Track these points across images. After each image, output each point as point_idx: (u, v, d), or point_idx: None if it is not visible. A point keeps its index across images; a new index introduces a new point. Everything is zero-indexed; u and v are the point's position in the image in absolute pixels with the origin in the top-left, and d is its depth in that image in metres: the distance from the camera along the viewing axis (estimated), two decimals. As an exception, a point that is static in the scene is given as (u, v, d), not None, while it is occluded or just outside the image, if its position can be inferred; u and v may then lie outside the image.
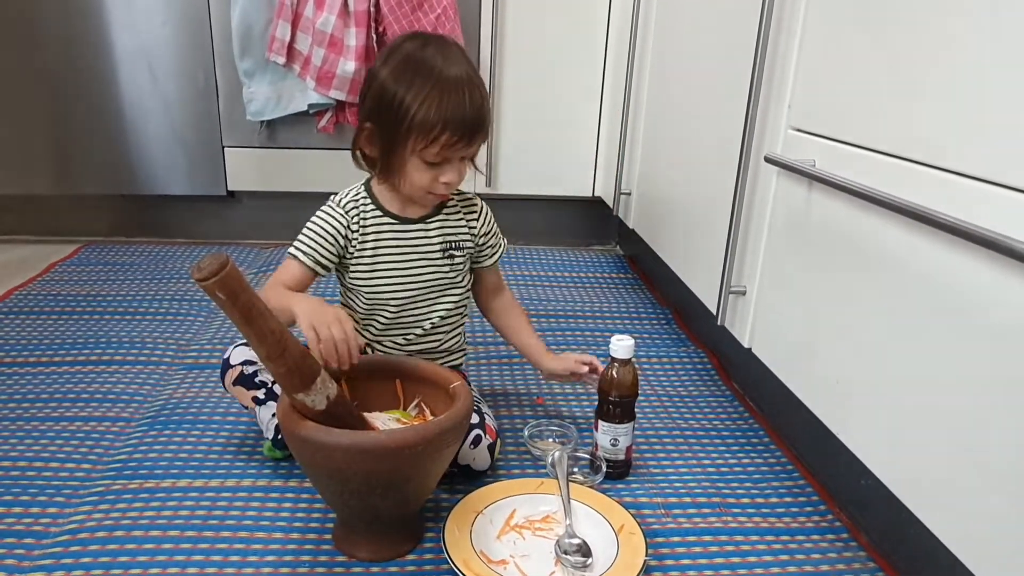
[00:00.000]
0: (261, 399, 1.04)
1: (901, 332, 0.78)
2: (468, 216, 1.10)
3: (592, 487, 0.99)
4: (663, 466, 1.09)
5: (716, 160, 1.26)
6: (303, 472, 0.98)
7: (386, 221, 1.04)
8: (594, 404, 1.06)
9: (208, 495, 0.98)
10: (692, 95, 1.40)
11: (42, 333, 1.44)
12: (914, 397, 0.76)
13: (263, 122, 1.91)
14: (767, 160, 1.02)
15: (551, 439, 1.13)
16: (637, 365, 1.06)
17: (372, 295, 1.05)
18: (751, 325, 1.14)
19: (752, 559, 0.90)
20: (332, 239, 1.03)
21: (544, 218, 2.15)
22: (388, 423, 0.92)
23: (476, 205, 1.11)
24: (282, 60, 1.78)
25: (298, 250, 1.03)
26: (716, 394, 1.32)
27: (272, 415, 1.02)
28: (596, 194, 2.07)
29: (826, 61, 0.94)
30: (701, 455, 1.12)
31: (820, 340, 0.95)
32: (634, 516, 0.92)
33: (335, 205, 1.04)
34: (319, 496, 0.96)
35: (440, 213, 1.07)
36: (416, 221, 1.06)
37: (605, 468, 1.03)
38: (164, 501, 0.96)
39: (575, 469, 1.04)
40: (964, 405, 0.69)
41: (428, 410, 0.97)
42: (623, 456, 1.04)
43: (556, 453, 1.00)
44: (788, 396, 1.02)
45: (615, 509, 0.94)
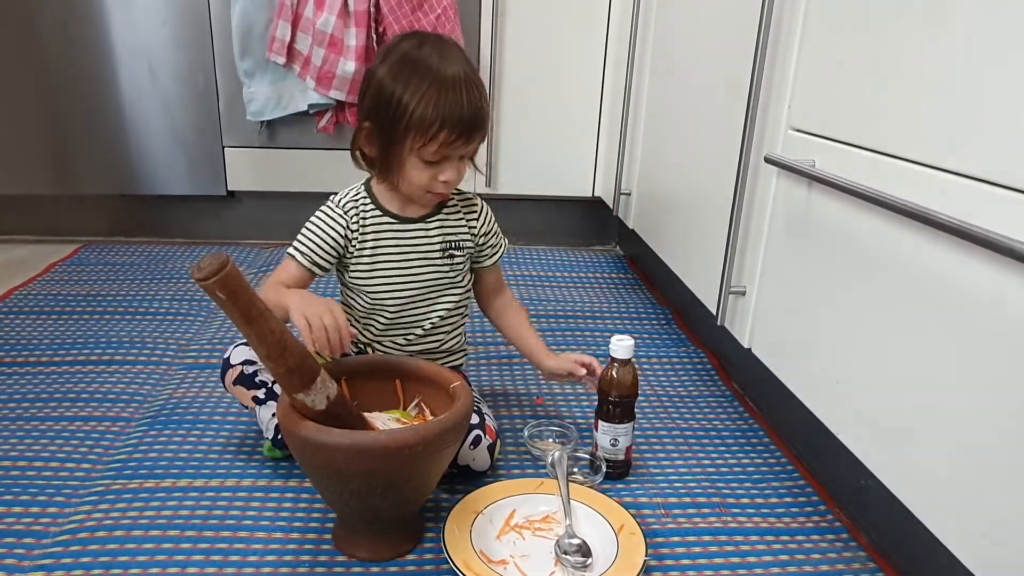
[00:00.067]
0: (261, 399, 1.04)
1: (901, 332, 0.78)
2: (468, 216, 1.10)
3: (592, 487, 0.99)
4: (663, 466, 1.09)
5: (716, 160, 1.26)
6: (303, 472, 0.98)
7: (386, 221, 1.04)
8: (594, 404, 1.06)
9: (208, 495, 0.98)
10: (692, 95, 1.40)
11: (42, 333, 1.44)
12: (914, 397, 0.76)
13: (263, 122, 1.91)
14: (767, 160, 1.02)
15: (551, 439, 1.13)
16: (637, 365, 1.06)
17: (371, 294, 1.05)
18: (751, 325, 1.14)
19: (752, 559, 0.90)
20: (331, 240, 1.03)
21: (544, 218, 2.15)
22: (388, 423, 0.92)
23: (476, 205, 1.11)
24: (282, 60, 1.78)
25: (296, 250, 1.03)
26: (716, 394, 1.32)
27: (272, 415, 1.02)
28: (596, 194, 2.07)
29: (826, 61, 0.94)
30: (701, 455, 1.12)
31: (820, 340, 0.95)
32: (634, 516, 0.92)
33: (334, 205, 1.04)
34: (319, 496, 0.96)
35: (440, 213, 1.07)
36: (416, 221, 1.06)
37: (605, 468, 1.03)
38: (164, 501, 0.96)
39: (575, 469, 1.04)
40: (964, 405, 0.69)
41: (428, 410, 0.97)
42: (623, 456, 1.04)
43: (556, 453, 1.00)
44: (788, 396, 1.02)
45: (615, 509, 0.94)
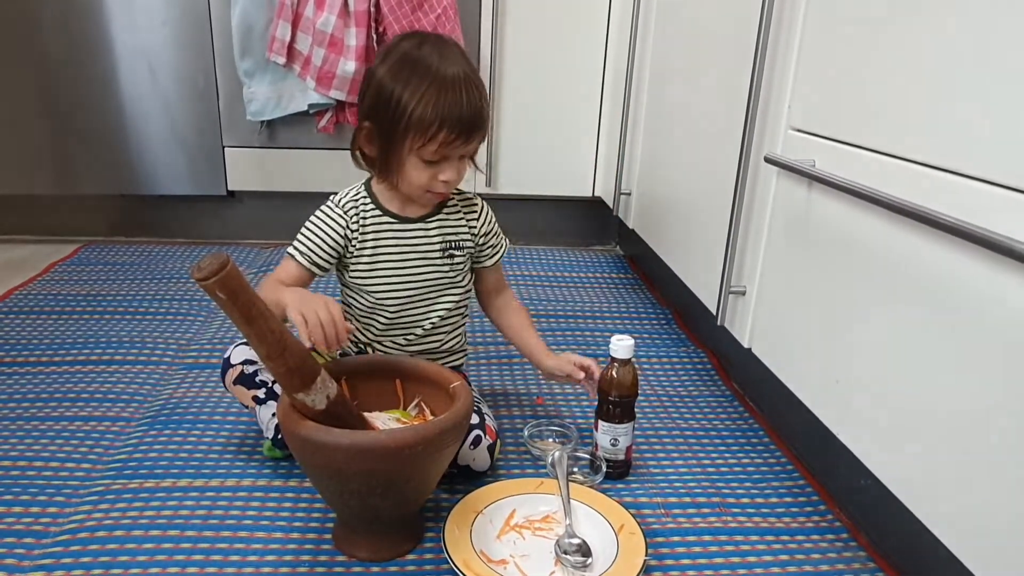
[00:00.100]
0: (261, 398, 1.04)
1: (901, 332, 0.78)
2: (468, 216, 1.10)
3: (592, 487, 0.99)
4: (663, 466, 1.09)
5: (716, 160, 1.26)
6: (303, 472, 0.98)
7: (386, 220, 1.04)
8: (594, 404, 1.06)
9: (208, 495, 0.98)
10: (692, 95, 1.40)
11: (42, 333, 1.44)
12: (914, 397, 0.76)
13: (263, 122, 1.91)
14: (767, 160, 1.02)
15: (551, 439, 1.13)
16: (637, 365, 1.06)
17: (371, 294, 1.05)
18: (751, 325, 1.14)
19: (752, 559, 0.90)
20: (330, 240, 1.03)
21: (544, 218, 2.15)
22: (388, 423, 0.92)
23: (476, 205, 1.11)
24: (282, 60, 1.78)
25: (296, 250, 1.03)
26: (716, 394, 1.32)
27: (272, 414, 1.02)
28: (596, 194, 2.07)
29: (825, 61, 0.94)
30: (701, 455, 1.12)
31: (820, 340, 0.95)
32: (634, 516, 0.92)
33: (334, 205, 1.04)
34: (319, 496, 0.96)
35: (440, 213, 1.07)
36: (416, 220, 1.06)
37: (605, 468, 1.03)
38: (164, 501, 0.96)
39: (575, 469, 1.04)
40: (964, 405, 0.69)
41: (428, 410, 0.97)
42: (623, 456, 1.04)
43: (556, 453, 1.00)
44: (788, 396, 1.02)
45: (615, 509, 0.94)
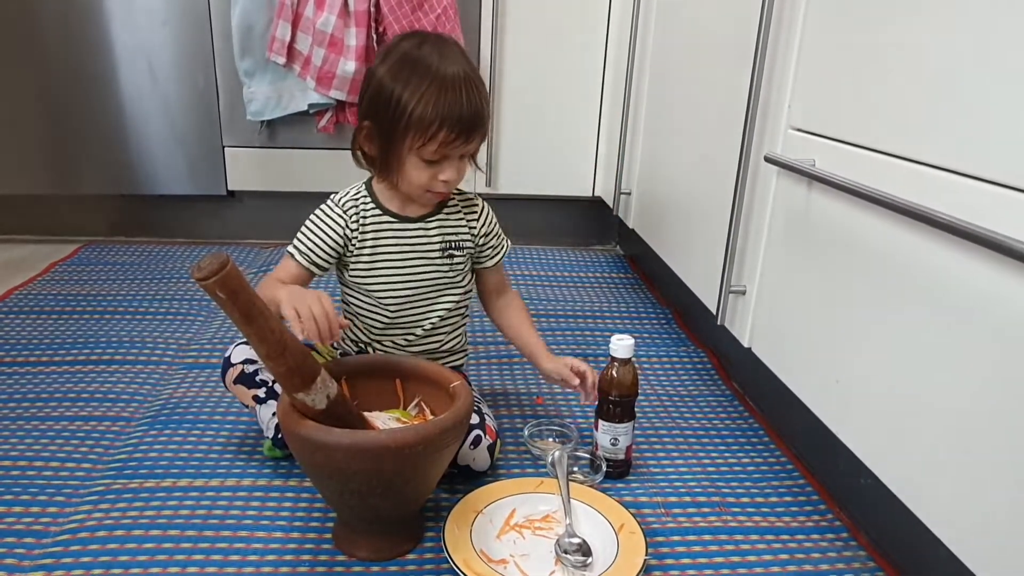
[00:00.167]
0: (262, 398, 1.04)
1: (901, 332, 0.78)
2: (468, 216, 1.10)
3: (592, 487, 0.99)
4: (663, 466, 1.09)
5: (716, 160, 1.26)
6: (303, 472, 0.98)
7: (386, 220, 1.04)
8: (594, 404, 1.06)
9: (208, 495, 0.98)
10: (692, 95, 1.40)
11: (42, 333, 1.44)
12: (914, 397, 0.76)
13: (263, 122, 1.91)
14: (767, 160, 1.02)
15: (551, 439, 1.13)
16: (637, 365, 1.06)
17: (370, 293, 1.05)
18: (751, 325, 1.14)
19: (752, 559, 0.90)
20: (330, 239, 1.03)
21: (544, 218, 2.15)
22: (388, 423, 0.92)
23: (477, 205, 1.11)
24: (282, 60, 1.78)
25: (296, 249, 1.03)
26: (716, 394, 1.32)
27: (272, 414, 1.02)
28: (596, 194, 2.07)
29: (826, 61, 0.94)
30: (701, 455, 1.12)
31: (820, 340, 0.95)
32: (634, 515, 0.92)
33: (334, 204, 1.04)
34: (319, 496, 0.96)
35: (440, 212, 1.07)
36: (416, 220, 1.06)
37: (605, 468, 1.03)
38: (164, 501, 0.96)
39: (575, 469, 1.04)
40: (964, 405, 0.69)
41: (428, 410, 0.97)
42: (623, 456, 1.04)
43: (556, 453, 1.00)
44: (788, 396, 1.02)
45: (615, 508, 0.94)
